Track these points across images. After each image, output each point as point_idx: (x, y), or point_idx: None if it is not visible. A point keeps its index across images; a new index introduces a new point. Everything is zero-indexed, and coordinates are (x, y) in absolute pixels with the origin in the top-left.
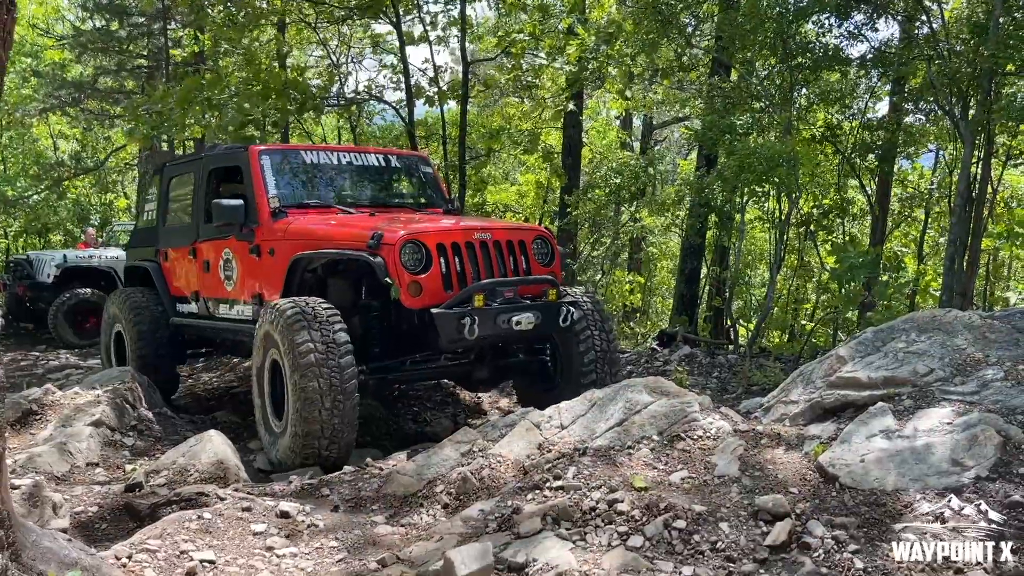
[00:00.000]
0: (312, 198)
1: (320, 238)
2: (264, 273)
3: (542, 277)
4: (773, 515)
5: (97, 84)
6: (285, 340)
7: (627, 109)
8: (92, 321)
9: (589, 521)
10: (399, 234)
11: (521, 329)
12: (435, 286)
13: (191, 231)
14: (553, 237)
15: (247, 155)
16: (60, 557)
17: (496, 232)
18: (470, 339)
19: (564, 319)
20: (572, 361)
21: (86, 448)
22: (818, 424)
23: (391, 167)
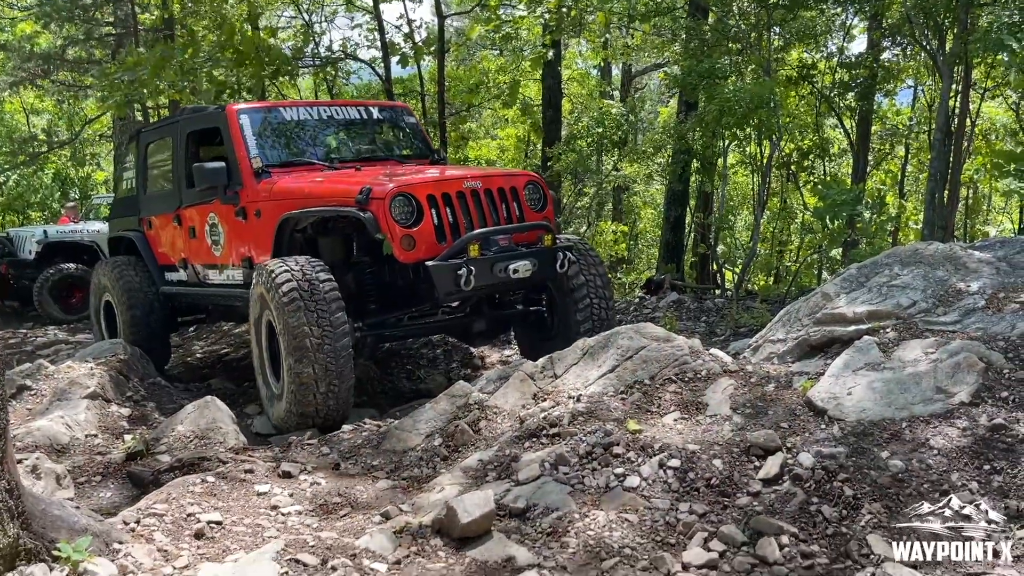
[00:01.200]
0: (295, 156)
1: (307, 196)
2: (252, 235)
3: (537, 223)
4: (765, 450)
5: (66, 55)
6: (275, 301)
7: (605, 59)
8: (78, 296)
9: (586, 465)
10: (388, 187)
11: (518, 277)
12: (428, 239)
13: (174, 197)
14: (544, 182)
15: (225, 115)
16: (70, 524)
17: (487, 180)
18: (467, 290)
19: (561, 264)
20: (568, 309)
21: (84, 420)
22: (806, 361)
23: (374, 119)
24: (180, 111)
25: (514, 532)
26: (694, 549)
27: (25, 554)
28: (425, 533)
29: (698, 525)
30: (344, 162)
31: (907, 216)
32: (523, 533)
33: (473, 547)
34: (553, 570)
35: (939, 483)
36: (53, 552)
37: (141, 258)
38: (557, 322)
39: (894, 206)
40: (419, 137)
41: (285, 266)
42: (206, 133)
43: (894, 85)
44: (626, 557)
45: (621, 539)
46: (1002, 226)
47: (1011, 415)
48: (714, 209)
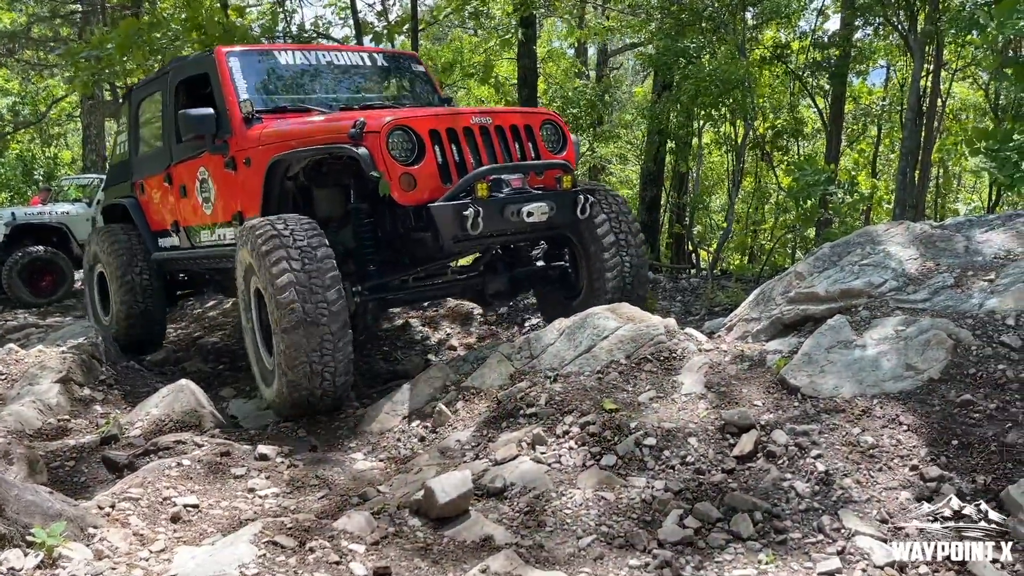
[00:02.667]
0: (290, 102)
1: (297, 136)
2: (242, 188)
3: (554, 161)
4: (739, 427)
5: (31, 33)
6: (261, 269)
7: (580, 38)
8: (48, 279)
9: (563, 444)
10: (385, 120)
11: (533, 221)
12: (431, 178)
13: (164, 155)
14: (564, 121)
15: (213, 59)
16: (44, 510)
17: (498, 117)
18: (474, 234)
19: (582, 209)
20: (595, 263)
21: (56, 405)
22: (779, 339)
23: (377, 66)
24: (171, 61)
25: (492, 511)
26: (670, 526)
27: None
28: (403, 514)
29: (673, 502)
30: (344, 109)
31: (879, 195)
32: (501, 512)
33: (451, 527)
34: (531, 549)
35: (909, 458)
36: (27, 537)
37: (136, 226)
38: (584, 280)
39: (867, 185)
40: (428, 86)
41: (269, 225)
42: (196, 81)
43: (867, 65)
44: (603, 535)
45: (598, 517)
46: (972, 204)
47: (979, 391)
48: (689, 189)
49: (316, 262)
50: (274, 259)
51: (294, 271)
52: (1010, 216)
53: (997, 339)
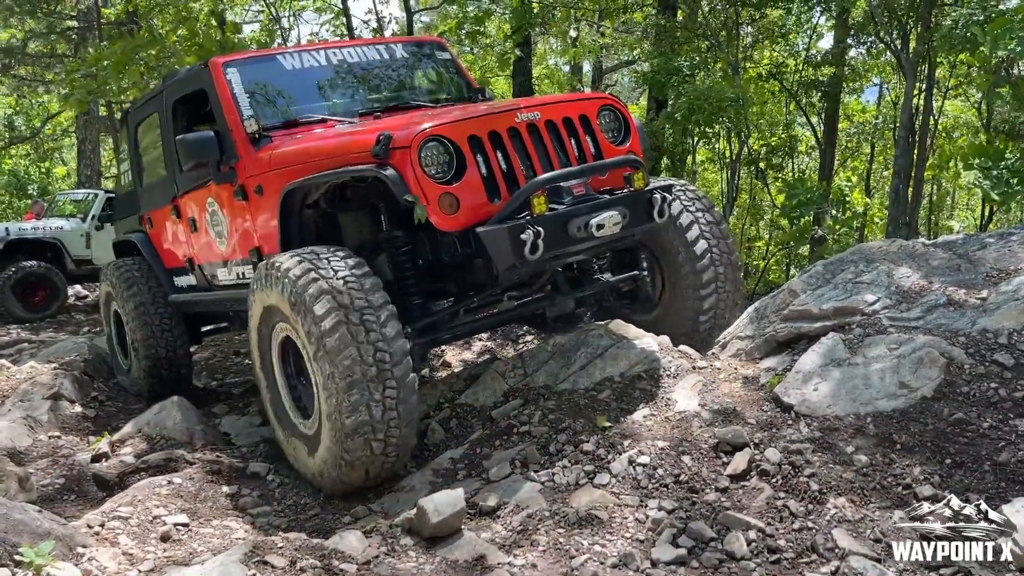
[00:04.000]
0: (301, 113)
1: (313, 158)
2: (257, 220)
3: (622, 159)
4: (733, 446)
5: (27, 49)
6: (299, 312)
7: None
8: (41, 294)
9: (556, 462)
10: (415, 131)
11: (604, 234)
12: (476, 195)
13: (169, 185)
14: (624, 106)
15: (209, 72)
16: (32, 529)
17: (547, 109)
18: (534, 259)
19: (660, 211)
20: (680, 271)
21: (47, 422)
22: (773, 357)
23: (397, 59)
24: (165, 78)
25: (484, 530)
26: (663, 546)
27: None
28: (395, 533)
29: (667, 521)
30: (364, 115)
31: (872, 212)
32: (493, 531)
33: (443, 546)
34: (523, 568)
35: (902, 477)
36: (15, 557)
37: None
38: (666, 292)
39: (861, 203)
40: (458, 76)
41: (299, 258)
42: (193, 99)
43: (860, 83)
44: (596, 554)
45: (591, 536)
46: (966, 221)
47: (972, 410)
48: None
49: (365, 294)
50: (313, 297)
51: (342, 308)
52: (1003, 234)
53: (990, 357)
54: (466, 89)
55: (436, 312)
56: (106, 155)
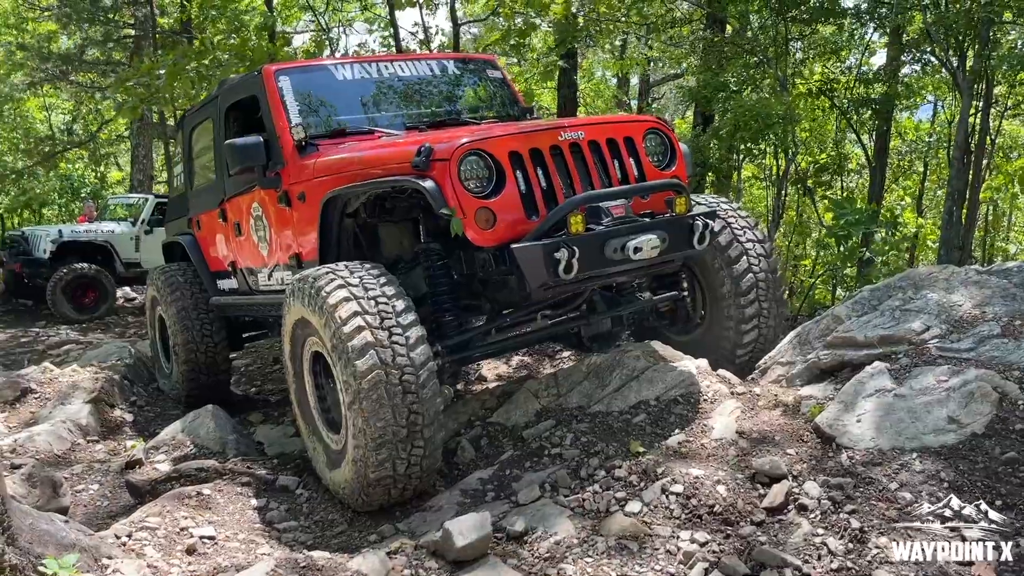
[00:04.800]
0: (349, 123)
1: (354, 167)
2: (298, 226)
3: (664, 182)
4: (770, 477)
5: (84, 56)
6: (327, 328)
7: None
8: (91, 296)
9: (587, 487)
10: (456, 144)
11: (642, 257)
12: (513, 212)
13: (218, 189)
14: (671, 129)
15: (261, 79)
16: (58, 539)
17: (591, 129)
18: (568, 279)
19: (700, 237)
20: (721, 293)
21: (86, 425)
22: (815, 385)
23: (448, 75)
24: (220, 84)
25: (511, 556)
26: None
27: (10, 570)
28: (420, 555)
29: (699, 554)
30: (411, 128)
31: (925, 233)
32: (520, 558)
33: (468, 571)
34: None
35: (949, 518)
36: (39, 568)
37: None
38: (706, 315)
39: (912, 224)
40: (506, 94)
41: (332, 274)
42: (246, 105)
43: (914, 101)
44: None
45: (620, 567)
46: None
47: None
48: None
49: (396, 316)
50: (345, 315)
51: (371, 328)
52: None
53: None
54: (515, 107)
55: (468, 330)
56: (158, 160)
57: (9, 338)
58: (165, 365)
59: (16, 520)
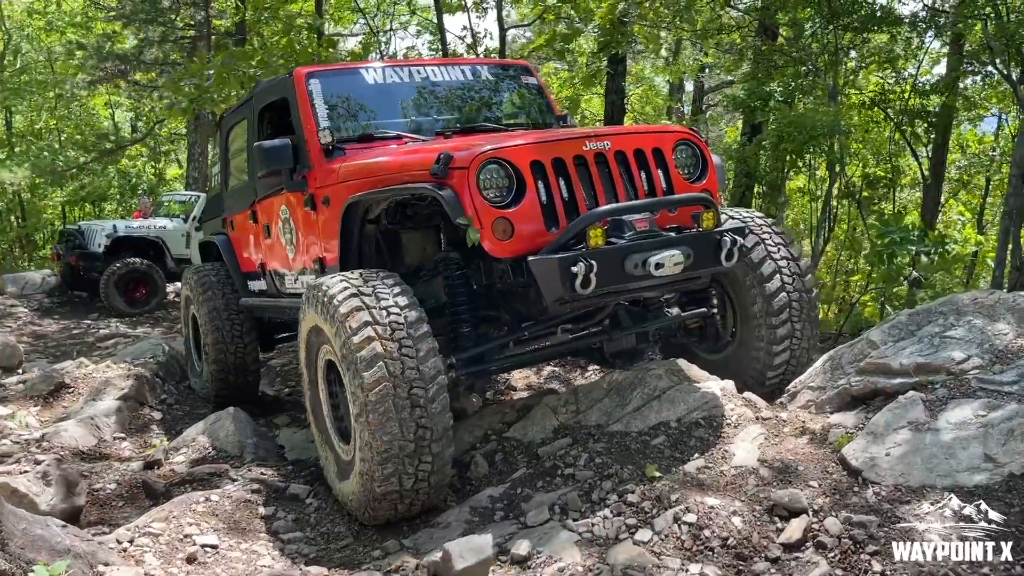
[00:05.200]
0: (377, 128)
1: (376, 174)
2: (323, 231)
3: (691, 195)
4: (789, 511)
5: (142, 56)
6: (338, 337)
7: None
8: (142, 290)
9: (598, 511)
10: (476, 152)
11: (664, 274)
12: (533, 223)
13: (249, 190)
14: (703, 141)
15: (292, 82)
16: (51, 545)
17: (618, 139)
18: (585, 294)
19: (728, 255)
20: (752, 311)
21: (114, 422)
22: (845, 412)
23: (481, 80)
24: (255, 85)
25: None
26: None
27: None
28: None
29: None
30: (441, 134)
31: (984, 252)
32: None
33: None
34: None
35: (979, 566)
36: (29, 575)
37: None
38: (736, 334)
39: (973, 240)
40: (541, 102)
41: (345, 282)
42: (278, 107)
43: (976, 113)
44: None
45: None
46: None
47: None
48: None
49: (407, 327)
50: (355, 325)
51: (381, 339)
52: None
53: None
54: (548, 115)
55: (485, 343)
56: (212, 158)
57: (61, 329)
58: (197, 364)
59: (8, 524)
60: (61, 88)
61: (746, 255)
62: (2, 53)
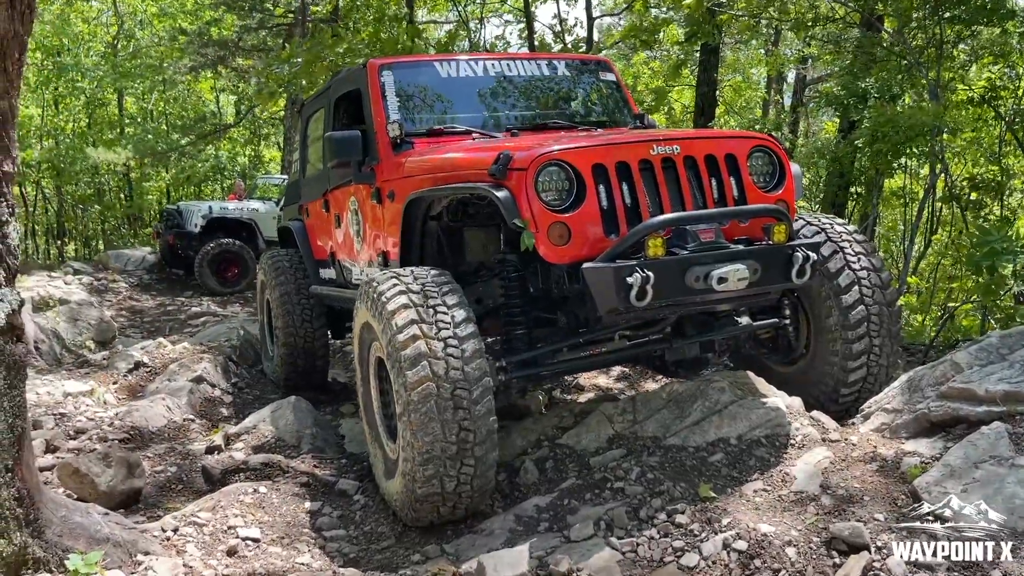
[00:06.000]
0: (447, 123)
1: (438, 170)
2: (387, 225)
3: (762, 207)
4: (849, 545)
5: (241, 42)
6: (384, 334)
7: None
8: (234, 270)
9: (644, 530)
10: (536, 153)
11: (727, 289)
12: (591, 229)
13: (323, 179)
14: (782, 148)
15: (366, 73)
16: (91, 533)
17: (688, 144)
18: (640, 305)
19: (799, 272)
20: (827, 324)
21: (184, 403)
22: (921, 440)
23: (558, 76)
24: (333, 75)
25: None
26: None
27: (33, 563)
28: None
29: None
30: (511, 130)
31: None
32: None
33: None
34: None
35: None
36: (65, 563)
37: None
38: (809, 346)
39: None
40: (618, 99)
41: (395, 279)
42: (353, 98)
43: None
44: None
45: None
46: None
47: None
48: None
49: (454, 327)
50: (401, 323)
51: (427, 338)
52: None
53: None
54: (625, 113)
55: (539, 347)
56: (294, 145)
57: (157, 305)
58: (270, 348)
59: (46, 512)
60: (164, 73)
61: (823, 265)
62: (116, 37)
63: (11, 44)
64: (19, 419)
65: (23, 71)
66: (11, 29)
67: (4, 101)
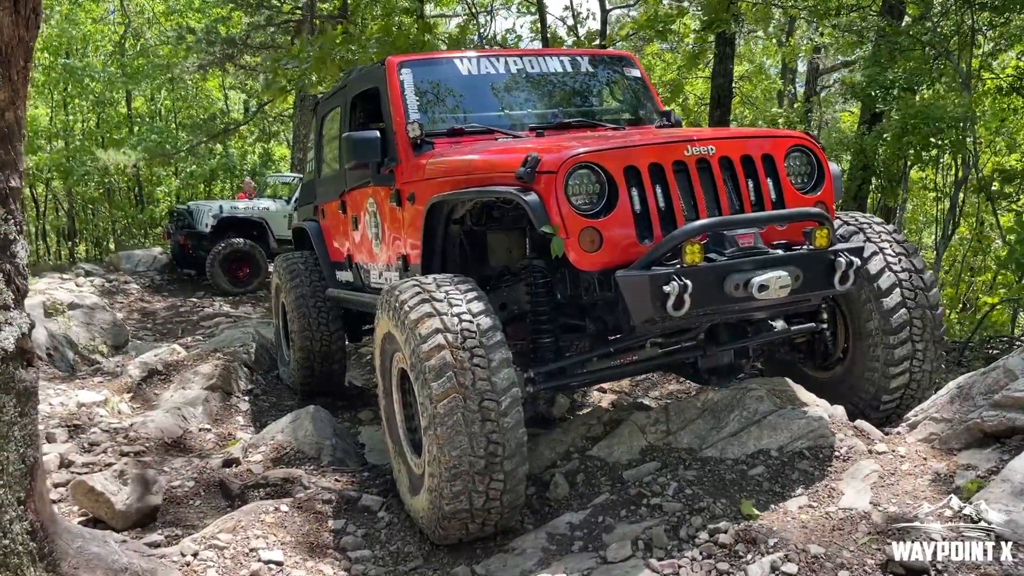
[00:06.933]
0: (469, 122)
1: (461, 173)
2: (407, 228)
3: (805, 210)
4: (907, 568)
5: (249, 40)
6: (408, 344)
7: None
8: (245, 270)
9: (685, 551)
10: (565, 155)
11: (768, 296)
12: (623, 234)
13: (340, 180)
14: (820, 148)
15: (383, 71)
16: (107, 564)
17: (724, 144)
18: (678, 315)
19: (842, 278)
20: (867, 328)
21: (200, 412)
22: (975, 451)
23: (581, 73)
24: (348, 72)
25: None
26: None
27: None
28: None
29: None
30: (535, 129)
31: None
32: None
33: None
34: None
35: None
36: None
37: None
38: (849, 353)
39: None
40: (643, 96)
41: (417, 286)
42: (370, 97)
43: None
44: None
45: None
46: None
47: None
48: None
49: (479, 335)
50: (425, 332)
51: (452, 348)
52: None
53: None
54: (652, 111)
55: (567, 356)
56: (308, 143)
57: (169, 307)
58: (286, 353)
59: (61, 544)
60: (172, 71)
61: (858, 277)
62: (123, 36)
63: (16, 51)
64: (31, 448)
65: (28, 79)
66: (15, 35)
67: (10, 112)
